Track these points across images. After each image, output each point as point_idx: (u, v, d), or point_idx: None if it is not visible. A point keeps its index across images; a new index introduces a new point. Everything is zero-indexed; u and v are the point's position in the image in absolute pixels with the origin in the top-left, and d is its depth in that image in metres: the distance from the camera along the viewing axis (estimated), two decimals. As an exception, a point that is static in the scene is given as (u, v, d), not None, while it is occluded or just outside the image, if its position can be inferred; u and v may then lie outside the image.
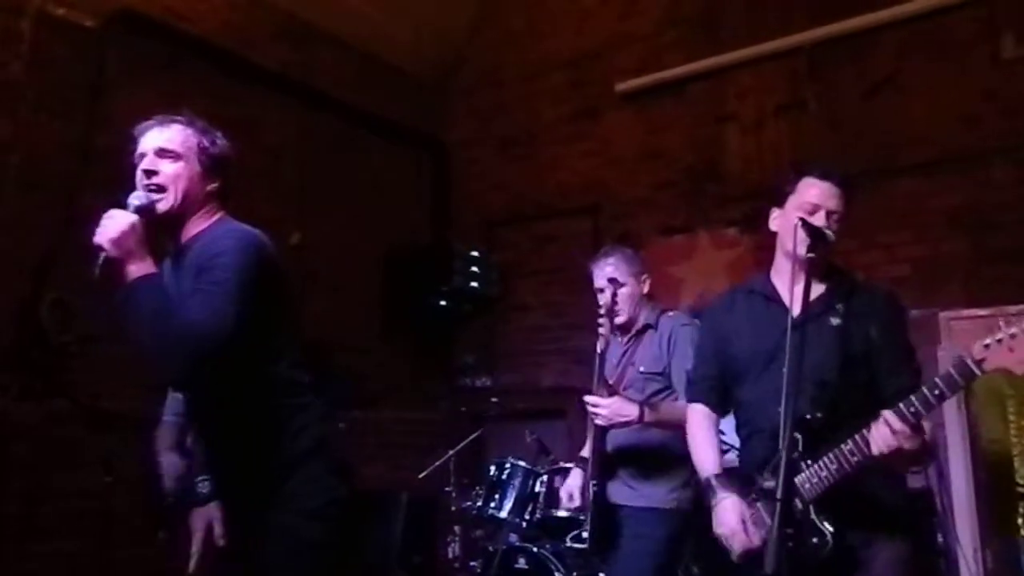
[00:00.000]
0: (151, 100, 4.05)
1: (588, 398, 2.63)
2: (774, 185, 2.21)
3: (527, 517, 3.40)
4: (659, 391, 2.78)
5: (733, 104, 4.87)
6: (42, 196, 3.64)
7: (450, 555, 4.21)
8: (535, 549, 3.34)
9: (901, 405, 1.70)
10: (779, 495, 1.62)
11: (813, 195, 2.00)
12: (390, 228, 5.39)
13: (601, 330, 2.85)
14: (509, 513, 3.41)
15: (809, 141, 4.55)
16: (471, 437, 4.31)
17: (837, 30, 4.49)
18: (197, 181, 1.90)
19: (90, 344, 3.70)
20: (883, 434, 1.71)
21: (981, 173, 4.05)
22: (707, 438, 2.15)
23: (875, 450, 1.72)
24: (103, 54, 3.98)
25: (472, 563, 3.88)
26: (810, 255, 1.88)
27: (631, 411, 2.57)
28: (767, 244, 4.42)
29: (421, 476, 4.16)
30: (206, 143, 1.94)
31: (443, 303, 5.26)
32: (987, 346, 1.62)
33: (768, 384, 1.91)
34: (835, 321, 1.94)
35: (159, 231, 1.90)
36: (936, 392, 1.67)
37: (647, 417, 2.57)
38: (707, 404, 2.20)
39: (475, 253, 5.36)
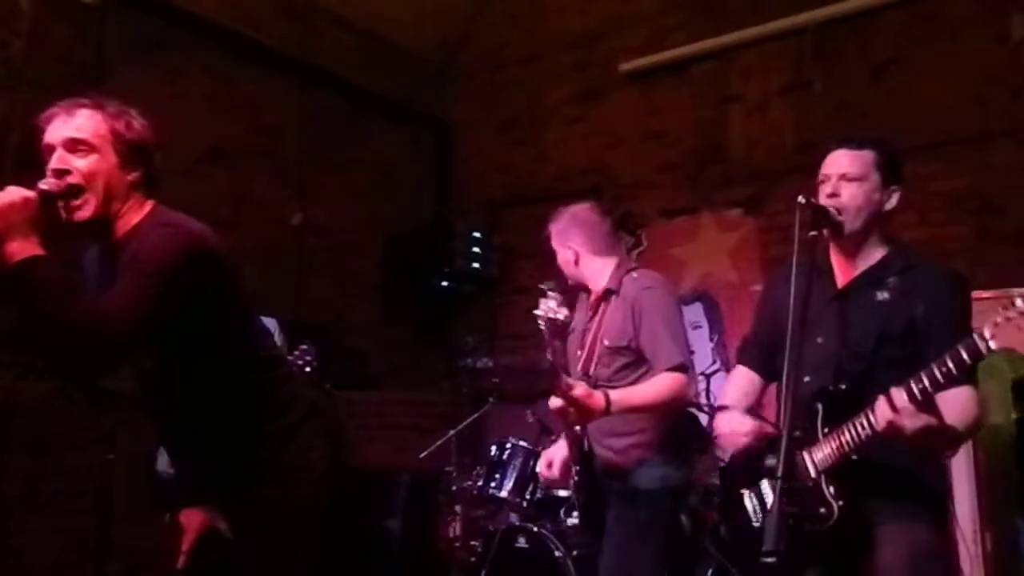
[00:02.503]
0: (151, 78, 4.06)
1: (554, 403, 2.35)
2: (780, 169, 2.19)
3: (527, 497, 3.42)
4: (627, 364, 2.55)
5: (737, 85, 4.83)
6: (42, 175, 3.62)
7: (451, 534, 4.22)
8: (535, 528, 3.35)
9: (910, 381, 1.64)
10: (779, 473, 1.62)
11: (824, 166, 1.98)
12: (391, 208, 5.37)
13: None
14: (510, 493, 3.43)
15: (814, 122, 4.51)
16: (472, 417, 4.32)
17: (843, 10, 4.44)
18: (115, 174, 1.70)
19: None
20: (882, 410, 1.66)
21: (986, 155, 4.02)
22: (734, 386, 2.18)
23: (877, 427, 1.68)
24: (103, 32, 3.95)
25: (473, 542, 3.90)
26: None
27: (597, 403, 2.33)
28: (771, 226, 4.47)
29: (422, 456, 4.17)
30: (120, 128, 1.72)
31: (444, 284, 5.26)
32: (997, 324, 1.57)
33: (803, 353, 1.84)
34: (882, 296, 1.89)
35: (84, 233, 1.76)
36: (944, 370, 1.62)
37: (614, 408, 2.36)
38: (750, 367, 2.19)
39: (476, 234, 5.35)
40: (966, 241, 4.01)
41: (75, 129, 1.69)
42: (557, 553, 3.22)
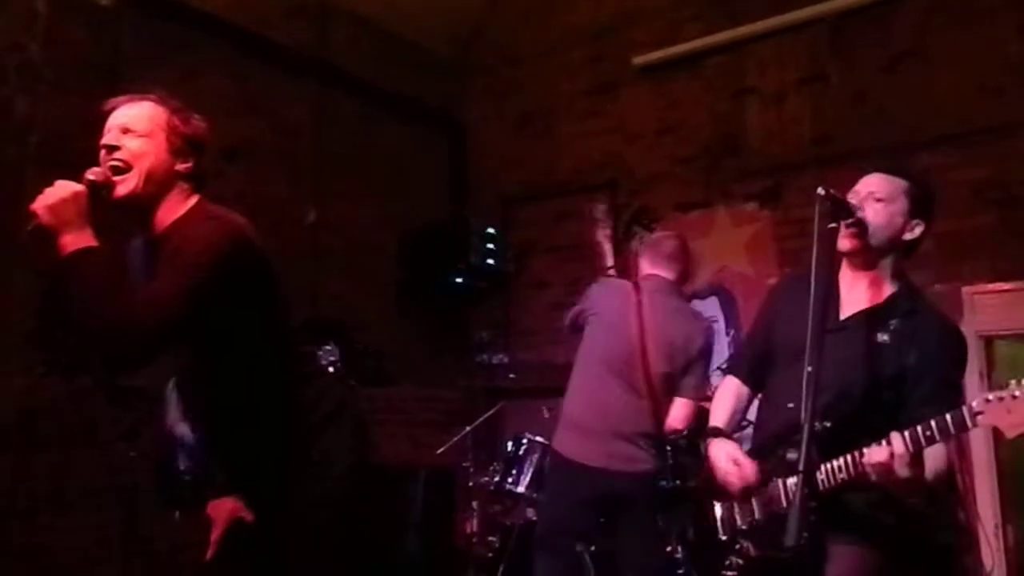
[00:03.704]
0: (167, 79, 4.07)
1: None
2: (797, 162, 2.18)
3: (545, 492, 3.41)
4: None
5: (752, 77, 4.79)
6: (62, 175, 3.65)
7: (468, 530, 4.24)
8: (553, 524, 3.35)
9: (905, 432, 1.67)
10: (801, 467, 1.61)
11: (855, 186, 1.98)
12: (406, 205, 5.38)
13: None
14: (526, 488, 3.43)
15: (831, 115, 4.48)
16: (488, 413, 4.33)
17: (859, 0, 4.40)
18: (164, 159, 1.77)
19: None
20: (880, 450, 1.67)
21: (1007, 145, 3.97)
22: (723, 400, 2.20)
23: (867, 461, 1.69)
24: (119, 33, 3.98)
25: (490, 538, 3.91)
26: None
27: None
28: (787, 219, 4.44)
29: (439, 452, 4.19)
30: (177, 121, 1.81)
31: (459, 280, 5.26)
32: (988, 400, 1.58)
33: (791, 377, 1.86)
34: (882, 338, 1.88)
35: (127, 214, 1.80)
36: (927, 434, 1.65)
37: None
38: (738, 377, 2.22)
39: (491, 230, 5.34)
40: (988, 232, 3.97)
41: (134, 115, 1.78)
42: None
